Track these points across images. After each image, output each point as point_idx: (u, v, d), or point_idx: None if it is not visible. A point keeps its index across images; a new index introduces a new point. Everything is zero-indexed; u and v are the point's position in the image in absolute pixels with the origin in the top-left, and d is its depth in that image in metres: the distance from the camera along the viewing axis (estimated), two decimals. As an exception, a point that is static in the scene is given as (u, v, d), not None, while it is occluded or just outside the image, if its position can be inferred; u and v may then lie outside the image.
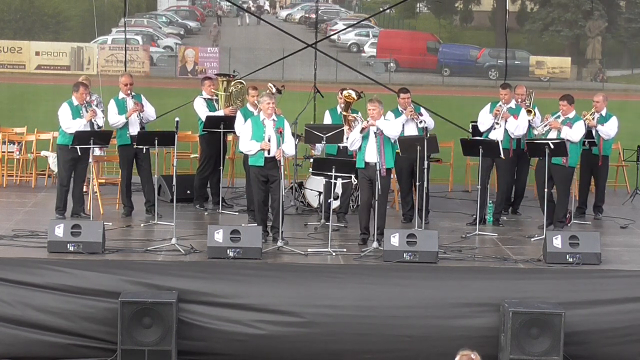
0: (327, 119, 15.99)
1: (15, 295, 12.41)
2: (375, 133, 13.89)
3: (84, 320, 12.39)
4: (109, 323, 12.23)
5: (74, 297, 12.43)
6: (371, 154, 13.90)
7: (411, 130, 15.33)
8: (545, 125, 15.08)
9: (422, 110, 15.78)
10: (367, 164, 13.93)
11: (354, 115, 15.65)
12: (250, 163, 14.14)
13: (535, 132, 15.18)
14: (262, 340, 12.46)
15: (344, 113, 15.82)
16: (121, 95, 15.50)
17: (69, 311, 12.40)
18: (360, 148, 14.03)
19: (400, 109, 15.57)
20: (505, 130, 15.40)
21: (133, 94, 15.52)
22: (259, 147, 13.88)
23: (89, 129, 14.86)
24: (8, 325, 12.40)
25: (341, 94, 15.84)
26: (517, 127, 15.44)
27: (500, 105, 15.48)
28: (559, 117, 15.08)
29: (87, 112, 14.96)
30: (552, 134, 15.02)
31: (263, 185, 13.98)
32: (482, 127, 15.60)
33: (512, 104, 15.58)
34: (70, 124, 14.92)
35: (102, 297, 12.39)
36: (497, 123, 15.40)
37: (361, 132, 13.93)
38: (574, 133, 14.98)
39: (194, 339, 12.42)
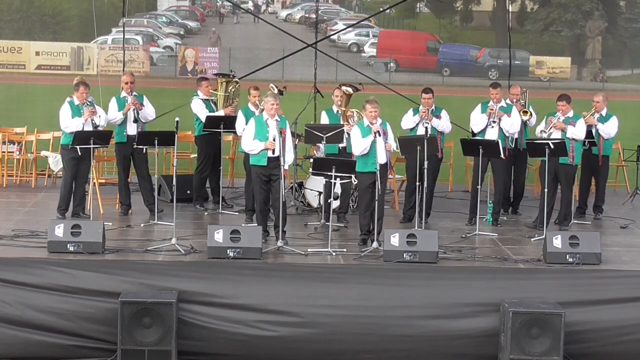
0: (324, 119, 16.00)
1: (15, 295, 12.41)
2: (377, 132, 13.86)
3: (84, 320, 12.39)
4: (109, 323, 12.24)
5: (74, 298, 12.43)
6: (382, 155, 13.87)
7: (424, 130, 15.36)
8: (550, 128, 15.09)
9: (444, 112, 15.71)
10: (381, 165, 13.86)
11: (352, 110, 15.75)
12: (252, 162, 14.14)
13: (544, 135, 15.14)
14: (262, 340, 12.47)
15: (343, 109, 15.88)
16: (123, 94, 15.55)
17: (69, 311, 12.40)
18: (369, 151, 13.97)
19: (420, 107, 15.62)
20: (500, 129, 15.43)
21: (135, 93, 15.56)
22: (263, 146, 13.88)
23: (89, 128, 14.87)
24: (8, 326, 12.39)
25: (337, 92, 15.90)
26: (512, 125, 15.50)
27: (492, 105, 15.50)
28: (559, 117, 15.11)
29: (86, 111, 14.96)
30: (555, 136, 15.03)
31: (265, 185, 13.98)
32: (477, 128, 15.62)
33: (503, 103, 15.61)
34: (68, 123, 14.94)
35: (102, 298, 12.40)
36: (494, 121, 15.42)
37: (377, 134, 13.81)
38: (579, 131, 15.06)
39: (194, 339, 12.42)
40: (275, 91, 16.18)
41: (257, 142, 13.93)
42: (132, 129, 15.34)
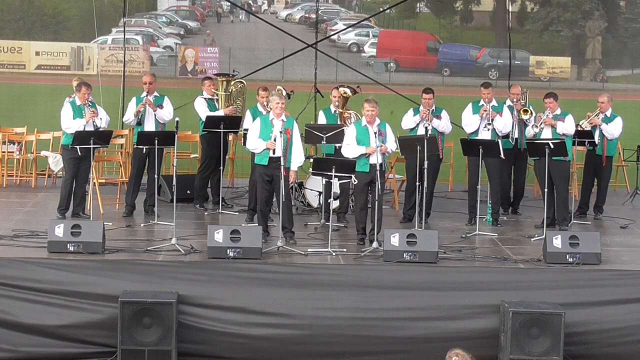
0: (322, 119, 16.02)
1: (14, 296, 12.40)
2: (375, 133, 13.89)
3: (83, 321, 12.38)
4: (109, 324, 12.22)
5: (74, 298, 12.42)
6: (374, 156, 13.88)
7: (424, 130, 15.36)
8: (541, 124, 15.13)
9: (444, 113, 15.72)
10: (371, 166, 13.88)
11: (350, 112, 15.76)
12: (256, 161, 14.18)
13: (532, 132, 15.16)
14: (262, 342, 12.46)
15: (340, 110, 15.88)
16: (144, 93, 15.59)
17: (69, 312, 12.39)
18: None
19: (421, 107, 15.63)
20: (493, 130, 15.44)
21: (156, 94, 15.59)
22: (265, 145, 13.90)
23: (90, 129, 14.87)
24: (7, 327, 12.38)
25: (335, 92, 15.91)
26: (505, 124, 15.55)
27: (484, 105, 15.50)
28: (548, 114, 15.17)
29: (88, 112, 14.97)
30: (546, 133, 15.07)
31: (267, 185, 13.99)
32: (469, 129, 15.62)
33: (495, 102, 15.63)
34: (69, 124, 14.94)
35: (102, 298, 12.38)
36: (489, 123, 15.41)
37: (367, 156, 13.88)
38: (569, 126, 15.11)
39: (193, 341, 12.41)
40: (284, 93, 16.21)
41: (260, 140, 13.97)
42: (151, 129, 15.37)
